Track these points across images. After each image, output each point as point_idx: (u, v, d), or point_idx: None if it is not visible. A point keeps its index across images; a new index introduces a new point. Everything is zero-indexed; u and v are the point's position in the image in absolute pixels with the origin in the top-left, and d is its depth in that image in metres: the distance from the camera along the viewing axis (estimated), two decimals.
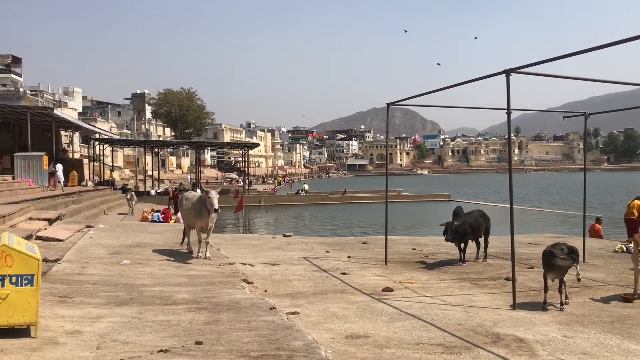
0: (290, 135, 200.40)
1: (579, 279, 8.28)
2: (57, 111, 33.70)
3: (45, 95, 63.03)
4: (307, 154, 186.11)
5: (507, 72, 7.45)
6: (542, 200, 48.06)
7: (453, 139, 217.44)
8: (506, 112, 7.73)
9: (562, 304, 7.34)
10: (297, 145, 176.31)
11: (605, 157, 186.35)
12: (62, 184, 25.47)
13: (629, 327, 6.50)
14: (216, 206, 9.98)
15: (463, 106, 11.80)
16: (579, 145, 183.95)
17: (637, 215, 14.45)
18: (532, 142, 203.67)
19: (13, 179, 24.15)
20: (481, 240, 11.41)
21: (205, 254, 10.44)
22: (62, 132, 41.66)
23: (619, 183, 76.58)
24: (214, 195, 10.11)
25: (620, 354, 5.49)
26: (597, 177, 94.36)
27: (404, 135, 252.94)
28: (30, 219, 13.85)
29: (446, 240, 10.68)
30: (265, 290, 8.06)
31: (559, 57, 7.01)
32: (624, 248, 12.35)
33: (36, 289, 4.93)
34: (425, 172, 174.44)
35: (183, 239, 11.71)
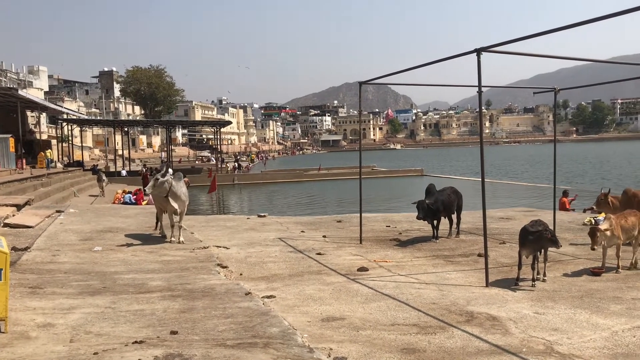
0: (262, 111, 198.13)
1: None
2: (22, 92, 32.78)
3: (8, 74, 61.12)
4: (280, 130, 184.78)
5: (478, 51, 7.42)
6: (513, 173, 48.74)
7: (425, 113, 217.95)
8: (477, 92, 7.76)
9: (534, 279, 7.47)
10: (270, 122, 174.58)
11: (574, 129, 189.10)
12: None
13: (597, 301, 6.66)
14: (146, 187, 10.04)
15: (436, 84, 11.80)
16: (548, 117, 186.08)
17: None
18: (503, 114, 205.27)
19: None
20: (454, 216, 11.54)
21: (179, 238, 10.34)
22: (29, 113, 40.64)
23: (587, 154, 78.10)
24: (158, 177, 10.05)
25: (589, 329, 5.63)
26: (566, 148, 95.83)
27: (377, 110, 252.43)
28: None
29: (417, 218, 10.77)
30: (241, 274, 8.04)
31: (527, 36, 7.02)
32: (593, 221, 12.59)
33: (5, 283, 4.83)
34: (398, 146, 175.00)
35: (157, 223, 11.56)
